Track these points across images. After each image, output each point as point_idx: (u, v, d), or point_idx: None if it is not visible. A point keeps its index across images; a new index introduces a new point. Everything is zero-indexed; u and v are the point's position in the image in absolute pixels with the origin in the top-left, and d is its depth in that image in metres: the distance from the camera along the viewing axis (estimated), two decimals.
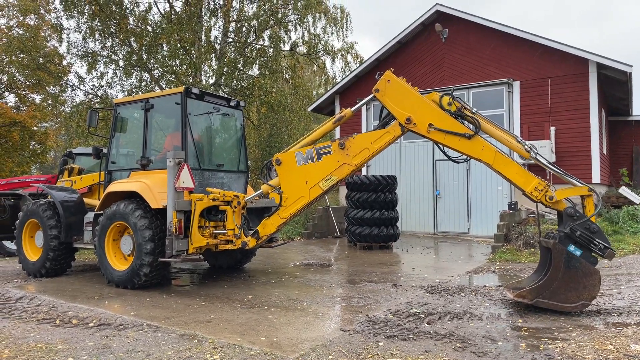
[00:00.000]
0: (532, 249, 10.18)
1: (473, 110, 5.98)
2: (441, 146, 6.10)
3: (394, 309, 5.67)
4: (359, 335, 4.68)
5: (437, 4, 14.54)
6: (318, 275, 8.12)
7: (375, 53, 15.96)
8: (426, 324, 5.06)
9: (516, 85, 13.54)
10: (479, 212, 13.84)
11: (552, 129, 12.94)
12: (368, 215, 11.51)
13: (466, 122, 5.96)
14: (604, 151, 14.33)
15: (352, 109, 6.72)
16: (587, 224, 5.32)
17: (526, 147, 5.71)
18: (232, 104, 8.14)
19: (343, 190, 14.89)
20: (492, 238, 11.97)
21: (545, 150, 12.53)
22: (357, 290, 6.92)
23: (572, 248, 5.32)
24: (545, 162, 5.83)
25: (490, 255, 10.31)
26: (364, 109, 15.61)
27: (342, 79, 16.87)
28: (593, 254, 5.34)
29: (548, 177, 11.42)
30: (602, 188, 13.42)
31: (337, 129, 14.06)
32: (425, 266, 9.09)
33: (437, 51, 14.89)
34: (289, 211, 6.51)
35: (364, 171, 15.77)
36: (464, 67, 14.37)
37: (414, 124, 5.99)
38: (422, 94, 6.15)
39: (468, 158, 6.04)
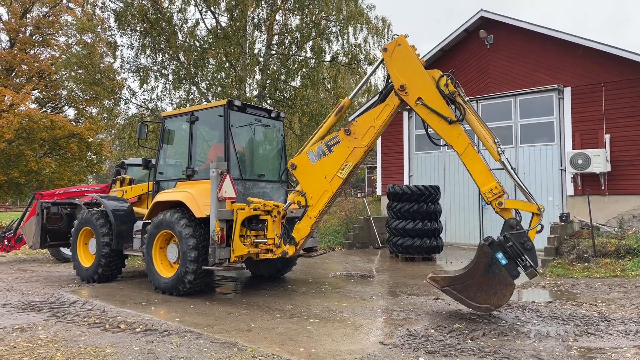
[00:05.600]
0: (586, 264, 9.65)
1: (465, 99, 6.02)
2: (426, 124, 6.23)
3: (436, 324, 5.52)
4: (399, 349, 4.58)
5: (481, 9, 14.22)
6: (358, 287, 8.05)
7: None
8: (469, 340, 4.89)
9: (567, 91, 12.97)
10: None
11: (607, 136, 12.28)
12: (410, 226, 11.32)
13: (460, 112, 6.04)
14: None
15: (349, 96, 7.13)
16: (522, 239, 5.38)
17: (499, 149, 5.79)
18: (272, 115, 8.30)
19: (384, 201, 14.74)
20: (542, 251, 11.41)
21: (599, 159, 11.90)
22: (398, 302, 6.80)
23: (499, 255, 5.40)
24: (510, 168, 5.84)
25: (540, 270, 9.86)
26: (405, 118, 15.45)
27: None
28: (518, 268, 5.38)
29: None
30: None
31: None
32: None
33: (481, 57, 14.53)
34: (316, 209, 6.65)
35: (405, 181, 15.55)
36: (510, 74, 13.93)
37: (406, 92, 6.15)
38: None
39: (445, 143, 6.12)
